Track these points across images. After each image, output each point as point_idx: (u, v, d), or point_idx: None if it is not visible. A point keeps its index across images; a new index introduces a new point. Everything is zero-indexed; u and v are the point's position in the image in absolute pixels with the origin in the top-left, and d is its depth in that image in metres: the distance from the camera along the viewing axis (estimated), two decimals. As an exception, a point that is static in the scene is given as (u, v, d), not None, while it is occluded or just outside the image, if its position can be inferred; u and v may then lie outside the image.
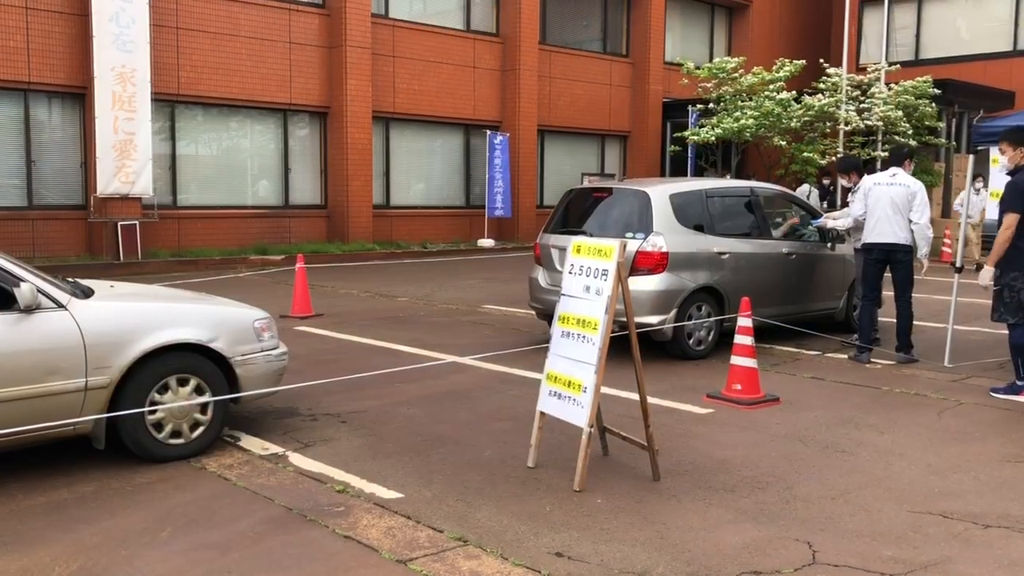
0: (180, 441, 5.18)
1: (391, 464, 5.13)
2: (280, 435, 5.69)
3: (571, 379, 4.88)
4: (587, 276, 4.91)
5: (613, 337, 4.82)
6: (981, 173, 16.41)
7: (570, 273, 5.06)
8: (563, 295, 5.08)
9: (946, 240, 18.63)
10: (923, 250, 8.17)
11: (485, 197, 21.00)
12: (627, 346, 4.91)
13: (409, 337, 9.28)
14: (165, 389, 5.09)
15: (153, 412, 5.03)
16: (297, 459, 5.21)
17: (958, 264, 8.11)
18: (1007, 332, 7.00)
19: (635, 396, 5.11)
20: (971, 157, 8.30)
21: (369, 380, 6.88)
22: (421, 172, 20.96)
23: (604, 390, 6.24)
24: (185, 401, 5.14)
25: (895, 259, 8.08)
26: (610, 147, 24.64)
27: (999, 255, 6.79)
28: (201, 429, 5.25)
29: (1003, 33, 24.46)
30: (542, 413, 5.08)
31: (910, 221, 8.01)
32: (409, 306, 11.70)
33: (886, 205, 8.04)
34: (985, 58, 24.30)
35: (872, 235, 8.13)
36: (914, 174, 9.59)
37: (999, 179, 8.08)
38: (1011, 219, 6.74)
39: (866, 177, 8.54)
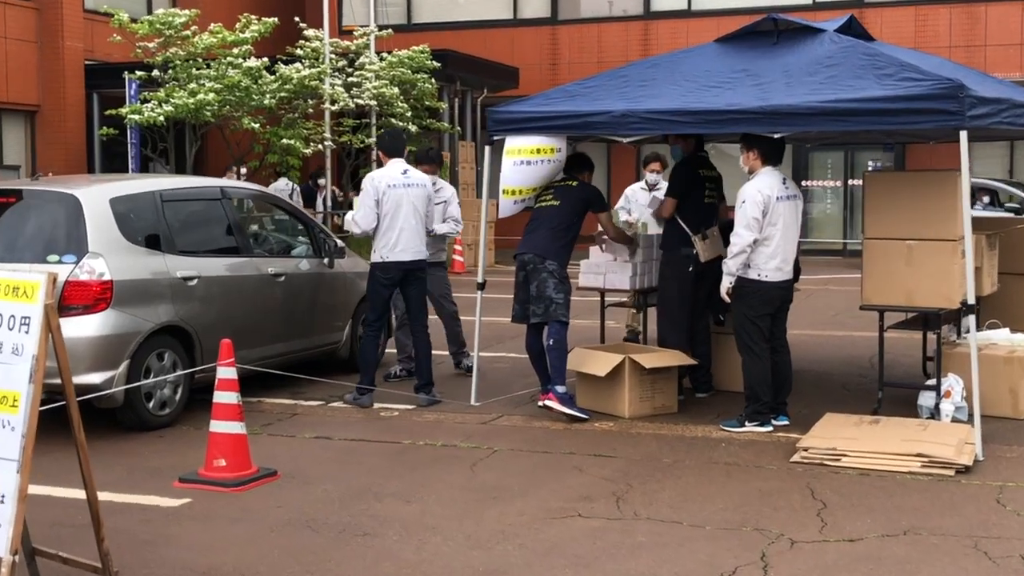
0: None
1: None
2: None
3: (-21, 486, 4.39)
4: (-3, 328, 4.46)
5: (41, 411, 4.45)
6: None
7: (-30, 325, 4.56)
8: (-41, 358, 4.56)
9: (456, 247, 20.45)
10: None
11: None
12: (61, 421, 4.55)
13: None
14: None
15: None
16: None
17: (480, 280, 8.92)
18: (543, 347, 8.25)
19: (79, 493, 4.77)
20: (488, 148, 9.01)
21: None
22: None
23: (31, 489, 5.75)
24: None
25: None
26: (10, 127, 23.07)
27: None
28: None
29: (503, -2, 27.77)
30: (-67, 542, 4.49)
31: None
32: None
33: (409, 213, 8.64)
34: (485, 26, 27.35)
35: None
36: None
37: (515, 172, 8.93)
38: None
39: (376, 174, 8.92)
